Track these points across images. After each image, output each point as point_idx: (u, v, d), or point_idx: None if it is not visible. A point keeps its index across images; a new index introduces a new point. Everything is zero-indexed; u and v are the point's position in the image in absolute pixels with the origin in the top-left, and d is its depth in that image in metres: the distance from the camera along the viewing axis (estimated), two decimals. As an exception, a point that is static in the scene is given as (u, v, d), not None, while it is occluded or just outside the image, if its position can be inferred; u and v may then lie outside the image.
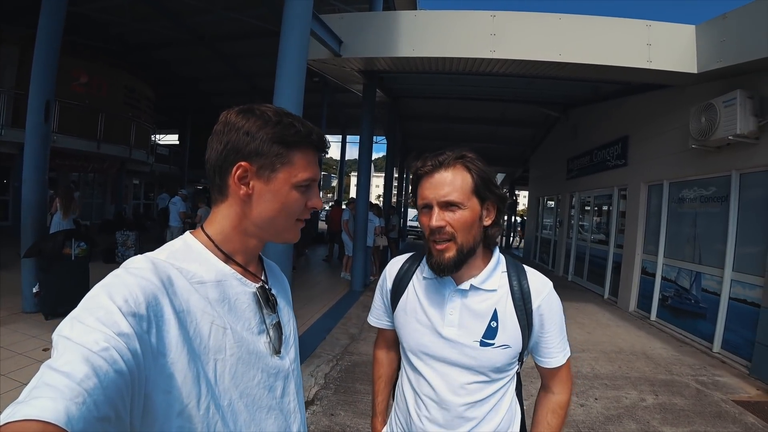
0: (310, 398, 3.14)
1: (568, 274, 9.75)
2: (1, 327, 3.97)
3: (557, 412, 1.03)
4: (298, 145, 0.70)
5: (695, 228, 5.38)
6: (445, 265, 0.93)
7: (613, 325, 5.81)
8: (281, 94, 3.40)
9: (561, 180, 10.57)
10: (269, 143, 0.67)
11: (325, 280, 7.98)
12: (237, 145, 0.66)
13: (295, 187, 0.70)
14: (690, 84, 5.38)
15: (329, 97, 13.31)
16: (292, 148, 0.69)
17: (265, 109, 0.69)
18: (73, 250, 4.58)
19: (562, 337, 1.01)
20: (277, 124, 0.67)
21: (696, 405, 3.36)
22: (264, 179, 0.68)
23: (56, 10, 4.60)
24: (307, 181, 0.72)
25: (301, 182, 0.71)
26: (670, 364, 4.30)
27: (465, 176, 0.92)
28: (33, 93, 4.53)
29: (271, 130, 0.67)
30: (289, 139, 0.68)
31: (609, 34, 5.14)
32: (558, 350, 1.00)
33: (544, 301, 0.97)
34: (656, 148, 6.27)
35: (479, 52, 5.40)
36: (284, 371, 0.75)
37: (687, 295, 5.38)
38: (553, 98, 9.09)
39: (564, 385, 1.05)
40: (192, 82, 14.46)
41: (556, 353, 1.00)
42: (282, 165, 0.68)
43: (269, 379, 0.71)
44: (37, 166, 4.59)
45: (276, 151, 0.67)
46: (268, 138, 0.67)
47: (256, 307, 0.72)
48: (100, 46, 11.23)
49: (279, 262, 3.41)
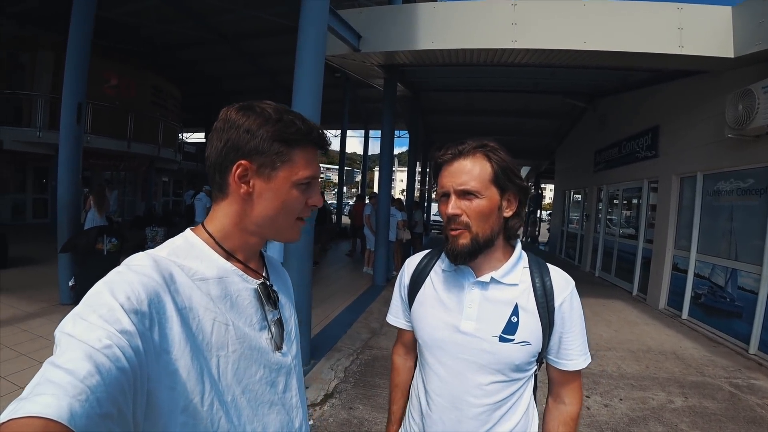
0: (330, 391, 3.18)
1: (595, 269, 9.47)
2: (40, 318, 4.21)
3: (569, 424, 0.99)
4: (298, 143, 0.69)
5: (731, 222, 5.11)
6: (459, 252, 0.91)
7: (641, 322, 5.61)
8: (300, 91, 3.42)
9: (588, 173, 10.25)
10: (270, 141, 0.67)
11: (347, 274, 8.05)
12: (237, 143, 0.66)
13: (296, 186, 0.70)
14: (726, 69, 5.08)
15: (351, 93, 13.32)
16: (292, 146, 0.69)
17: (265, 107, 0.68)
18: (105, 245, 4.79)
19: (583, 339, 0.96)
20: (278, 121, 0.67)
21: (729, 409, 3.20)
22: (264, 177, 0.68)
23: (86, 15, 4.77)
24: (307, 179, 0.71)
25: (301, 180, 0.70)
26: (702, 366, 4.12)
27: (484, 165, 0.90)
28: (66, 96, 4.73)
29: (271, 128, 0.67)
30: (290, 137, 0.68)
31: (637, 18, 4.90)
32: (578, 353, 0.96)
33: (567, 300, 0.94)
34: (689, 138, 5.98)
35: (500, 42, 5.27)
36: (286, 367, 0.76)
37: (722, 293, 5.13)
38: (579, 88, 8.80)
39: (576, 395, 1.00)
40: (216, 80, 14.78)
41: (577, 356, 0.96)
42: (282, 163, 0.68)
43: (271, 374, 0.72)
44: (71, 166, 4.81)
45: (276, 149, 0.67)
46: (268, 136, 0.66)
47: (257, 303, 0.72)
48: (128, 49, 11.62)
49: (299, 257, 3.45)
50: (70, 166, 4.80)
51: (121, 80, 11.54)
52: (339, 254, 10.63)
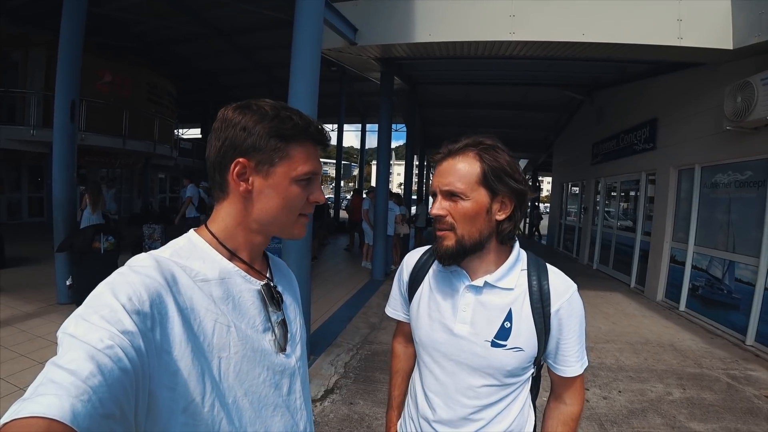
0: (330, 387, 3.19)
1: (593, 262, 9.51)
2: (37, 318, 4.19)
3: (569, 424, 0.97)
4: (296, 139, 0.69)
5: (729, 215, 5.12)
6: (443, 253, 0.90)
7: (639, 315, 5.64)
8: (296, 85, 3.39)
9: (586, 165, 10.25)
10: (266, 138, 0.66)
11: (346, 269, 8.05)
12: (234, 142, 0.66)
13: (295, 182, 0.70)
14: (724, 61, 5.06)
15: (348, 86, 13.24)
16: (290, 141, 0.68)
17: (262, 104, 0.68)
18: (102, 243, 4.76)
19: (580, 345, 0.94)
20: (274, 118, 0.67)
21: (726, 400, 3.23)
22: (263, 174, 0.68)
23: (77, 11, 4.70)
24: (307, 174, 0.71)
25: (300, 176, 0.70)
26: (700, 357, 4.15)
27: (473, 165, 0.87)
28: (59, 93, 4.68)
29: (268, 125, 0.66)
30: (287, 133, 0.67)
31: (635, 10, 4.86)
32: (574, 359, 0.94)
33: (564, 305, 0.90)
34: (687, 130, 5.97)
35: (498, 34, 5.22)
36: (290, 369, 0.75)
37: (719, 285, 5.15)
38: (577, 80, 8.76)
39: (577, 396, 0.99)
40: (212, 75, 14.65)
41: (573, 362, 0.93)
42: (280, 159, 0.68)
43: (275, 376, 0.71)
44: (65, 163, 4.77)
45: (274, 145, 0.67)
46: (265, 132, 0.66)
47: (260, 304, 0.72)
48: (122, 45, 11.49)
49: (297, 252, 3.44)
50: (65, 164, 4.76)
51: (115, 77, 11.42)
52: (337, 249, 10.63)
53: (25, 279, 5.70)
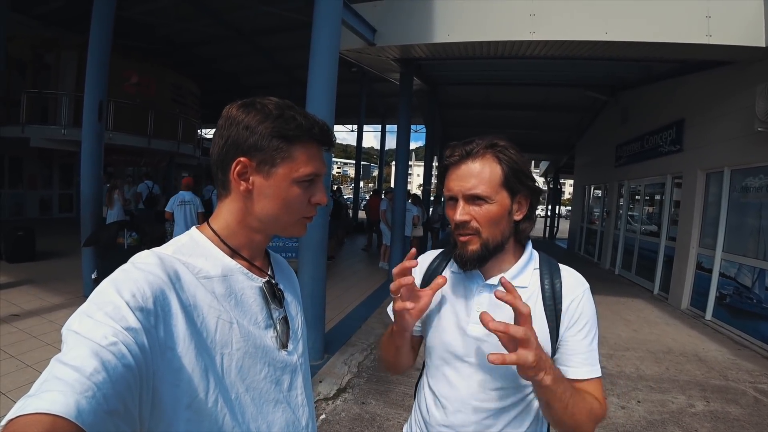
0: (343, 386, 3.20)
1: (615, 267, 9.26)
2: (64, 309, 4.36)
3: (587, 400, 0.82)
4: (299, 139, 0.68)
5: (760, 220, 4.90)
6: (468, 258, 0.88)
7: (662, 322, 5.46)
8: (314, 85, 3.43)
9: (609, 168, 9.99)
10: (269, 137, 0.66)
11: (363, 269, 8.08)
12: (237, 140, 0.66)
13: (297, 183, 0.69)
14: (755, 60, 4.85)
15: (367, 87, 13.29)
16: (293, 142, 0.68)
17: (266, 103, 0.68)
18: (125, 239, 4.91)
19: (589, 348, 0.86)
20: (278, 117, 0.67)
21: (753, 415, 3.08)
22: (264, 174, 0.68)
23: (106, 15, 4.88)
24: (309, 176, 0.70)
25: (302, 177, 0.69)
26: (726, 369, 3.98)
27: (494, 167, 0.85)
28: (88, 94, 4.86)
29: (271, 124, 0.66)
30: (290, 133, 0.67)
31: (661, 7, 4.70)
32: (581, 360, 0.85)
33: (575, 302, 0.88)
34: (716, 132, 5.74)
35: (518, 34, 5.15)
36: (291, 365, 0.76)
37: (748, 294, 4.93)
38: (600, 80, 8.55)
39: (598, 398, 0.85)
40: (234, 76, 14.93)
41: (579, 363, 0.85)
42: (282, 160, 0.67)
43: (276, 373, 0.72)
44: (93, 161, 4.95)
45: (276, 145, 0.67)
46: (267, 132, 0.66)
47: (262, 301, 0.72)
48: (148, 48, 11.82)
49: (313, 251, 3.46)
50: (92, 162, 4.94)
51: (141, 78, 11.75)
52: (355, 249, 10.68)
53: (54, 272, 5.95)
